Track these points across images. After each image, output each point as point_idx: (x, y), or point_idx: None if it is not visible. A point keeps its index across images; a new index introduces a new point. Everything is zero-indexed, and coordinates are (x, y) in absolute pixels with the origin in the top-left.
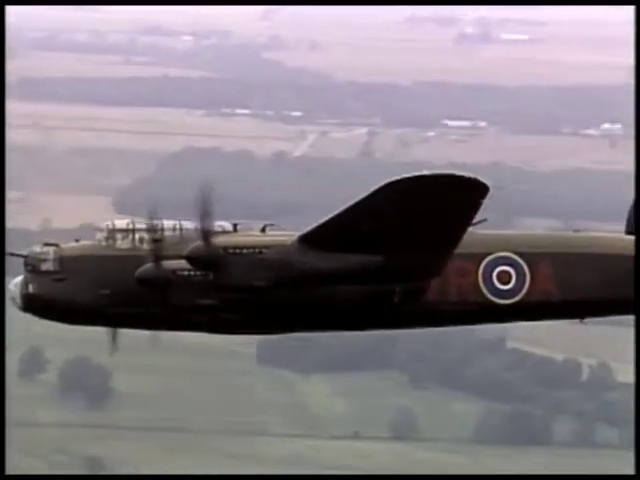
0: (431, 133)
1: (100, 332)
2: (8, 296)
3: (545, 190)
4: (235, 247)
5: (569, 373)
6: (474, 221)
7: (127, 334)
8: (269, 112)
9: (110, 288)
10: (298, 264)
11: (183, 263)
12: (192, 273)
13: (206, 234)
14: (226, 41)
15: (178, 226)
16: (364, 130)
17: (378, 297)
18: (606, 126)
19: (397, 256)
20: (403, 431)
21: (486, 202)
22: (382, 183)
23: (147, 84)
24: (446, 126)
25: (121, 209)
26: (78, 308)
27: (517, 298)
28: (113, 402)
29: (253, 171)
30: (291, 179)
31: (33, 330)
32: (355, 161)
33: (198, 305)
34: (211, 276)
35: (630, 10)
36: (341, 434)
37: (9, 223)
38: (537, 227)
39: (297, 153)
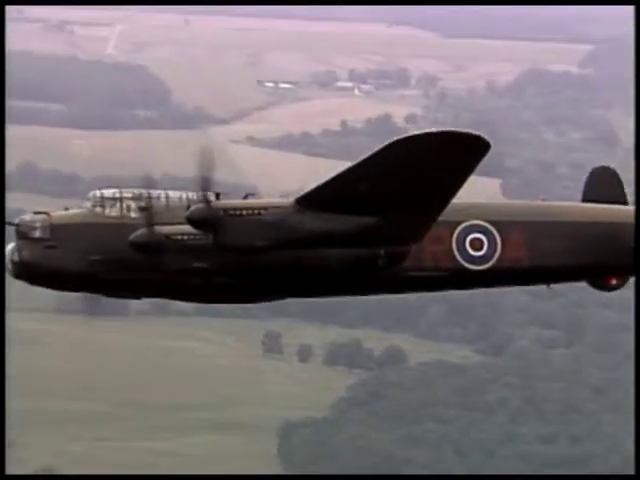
0: None
1: None
2: None
3: None
4: (235, 209)
5: None
6: None
7: None
8: None
9: (100, 255)
10: (295, 224)
11: (175, 228)
12: (185, 237)
13: (206, 196)
14: None
15: (164, 195)
16: None
17: (364, 261)
18: None
19: (392, 217)
20: None
21: None
22: (386, 142)
23: None
24: None
25: None
26: (69, 275)
27: (489, 264)
28: None
29: None
30: None
31: None
32: None
33: (191, 268)
34: (204, 240)
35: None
36: None
37: None
38: None
39: None
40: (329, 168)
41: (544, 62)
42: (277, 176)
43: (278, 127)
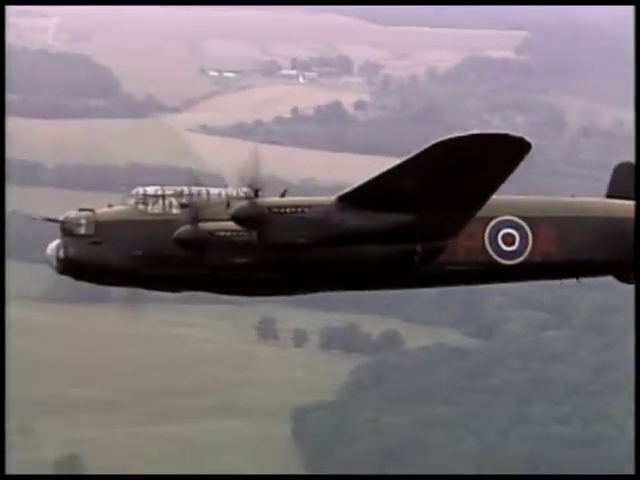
0: None
1: None
2: (44, 259)
3: None
4: (279, 207)
5: None
6: None
7: None
8: None
9: (144, 250)
10: (338, 222)
11: (219, 225)
12: (228, 234)
13: (251, 194)
14: None
15: (205, 192)
16: None
17: (401, 257)
18: None
19: (432, 214)
20: None
21: None
22: (431, 143)
23: None
24: None
25: None
26: (114, 270)
27: (521, 259)
28: None
29: None
30: None
31: None
32: None
33: (233, 264)
34: (246, 236)
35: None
36: None
37: None
38: None
39: None
40: (287, 155)
41: (482, 49)
42: (240, 164)
43: (230, 115)
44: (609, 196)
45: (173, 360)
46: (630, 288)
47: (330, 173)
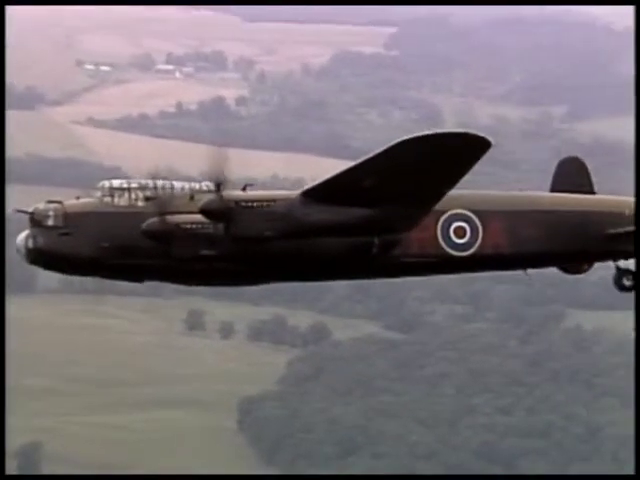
0: None
1: None
2: (15, 248)
3: None
4: (246, 200)
5: None
6: None
7: None
8: None
9: (111, 241)
10: (302, 216)
11: (185, 217)
12: (195, 226)
13: (219, 189)
14: None
15: (169, 185)
16: None
17: (359, 249)
18: None
19: (391, 209)
20: None
21: None
22: (394, 141)
23: None
24: None
25: None
26: (82, 260)
27: (471, 251)
28: None
29: None
30: None
31: None
32: None
33: (199, 255)
34: (212, 229)
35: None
36: None
37: None
38: None
39: None
40: (173, 149)
41: (351, 45)
42: (135, 157)
43: (114, 109)
44: (553, 190)
45: (101, 351)
46: (537, 279)
47: None
